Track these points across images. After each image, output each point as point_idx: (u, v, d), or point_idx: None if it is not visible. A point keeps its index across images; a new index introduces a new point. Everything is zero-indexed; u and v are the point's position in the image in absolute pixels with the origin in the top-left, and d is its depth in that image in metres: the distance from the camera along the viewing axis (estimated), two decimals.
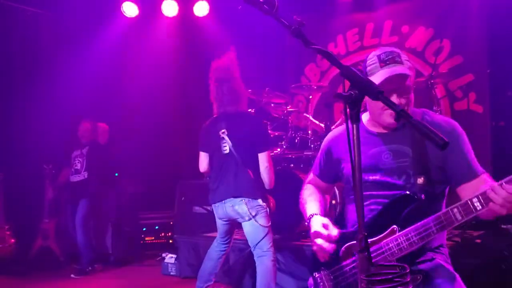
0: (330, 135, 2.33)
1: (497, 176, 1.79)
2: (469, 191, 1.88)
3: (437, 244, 2.03)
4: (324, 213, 2.14)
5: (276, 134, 5.10)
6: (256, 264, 3.57)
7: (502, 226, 4.52)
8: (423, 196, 1.87)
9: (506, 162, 4.99)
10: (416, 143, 1.96)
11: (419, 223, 1.80)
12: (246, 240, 3.68)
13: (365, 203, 1.95)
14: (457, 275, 1.92)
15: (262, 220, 3.48)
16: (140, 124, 6.70)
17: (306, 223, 2.14)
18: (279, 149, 5.01)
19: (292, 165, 4.94)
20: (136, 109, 6.71)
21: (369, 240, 1.86)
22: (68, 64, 6.21)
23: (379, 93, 1.29)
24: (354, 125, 1.33)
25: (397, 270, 1.26)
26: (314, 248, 1.98)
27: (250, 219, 3.46)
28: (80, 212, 5.51)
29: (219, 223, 3.72)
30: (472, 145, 2.03)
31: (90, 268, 5.44)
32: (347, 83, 1.37)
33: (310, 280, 2.14)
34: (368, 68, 1.99)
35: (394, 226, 1.86)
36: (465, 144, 2.00)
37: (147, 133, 6.71)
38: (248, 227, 3.53)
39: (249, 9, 1.52)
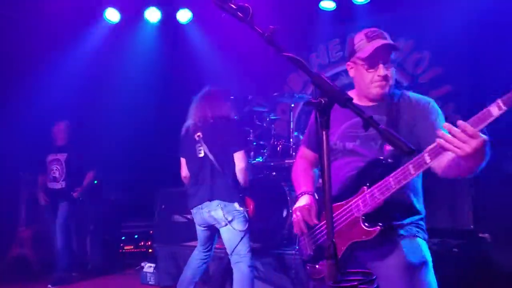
0: None
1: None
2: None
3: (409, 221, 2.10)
4: (314, 189, 2.32)
5: (259, 142, 5.09)
6: (233, 271, 3.54)
7: (480, 235, 4.56)
8: (392, 160, 1.98)
9: (485, 172, 5.04)
10: (393, 112, 2.11)
11: (381, 181, 1.91)
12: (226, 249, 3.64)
13: (343, 169, 2.13)
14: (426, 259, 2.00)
15: (238, 225, 3.46)
16: (121, 131, 6.62)
17: (296, 195, 2.34)
18: (261, 157, 5.00)
19: (274, 173, 4.93)
20: (117, 115, 6.63)
21: (342, 202, 2.01)
22: (49, 70, 6.13)
23: (347, 100, 1.32)
24: (324, 132, 1.34)
25: (363, 277, 1.26)
26: (294, 220, 2.19)
27: (226, 224, 3.44)
28: (61, 216, 5.40)
29: (199, 229, 3.70)
30: None
31: (68, 274, 5.31)
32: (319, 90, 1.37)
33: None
34: (356, 45, 2.17)
35: (364, 187, 1.96)
36: (437, 116, 2.10)
37: (128, 140, 6.64)
38: (225, 233, 3.51)
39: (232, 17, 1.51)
